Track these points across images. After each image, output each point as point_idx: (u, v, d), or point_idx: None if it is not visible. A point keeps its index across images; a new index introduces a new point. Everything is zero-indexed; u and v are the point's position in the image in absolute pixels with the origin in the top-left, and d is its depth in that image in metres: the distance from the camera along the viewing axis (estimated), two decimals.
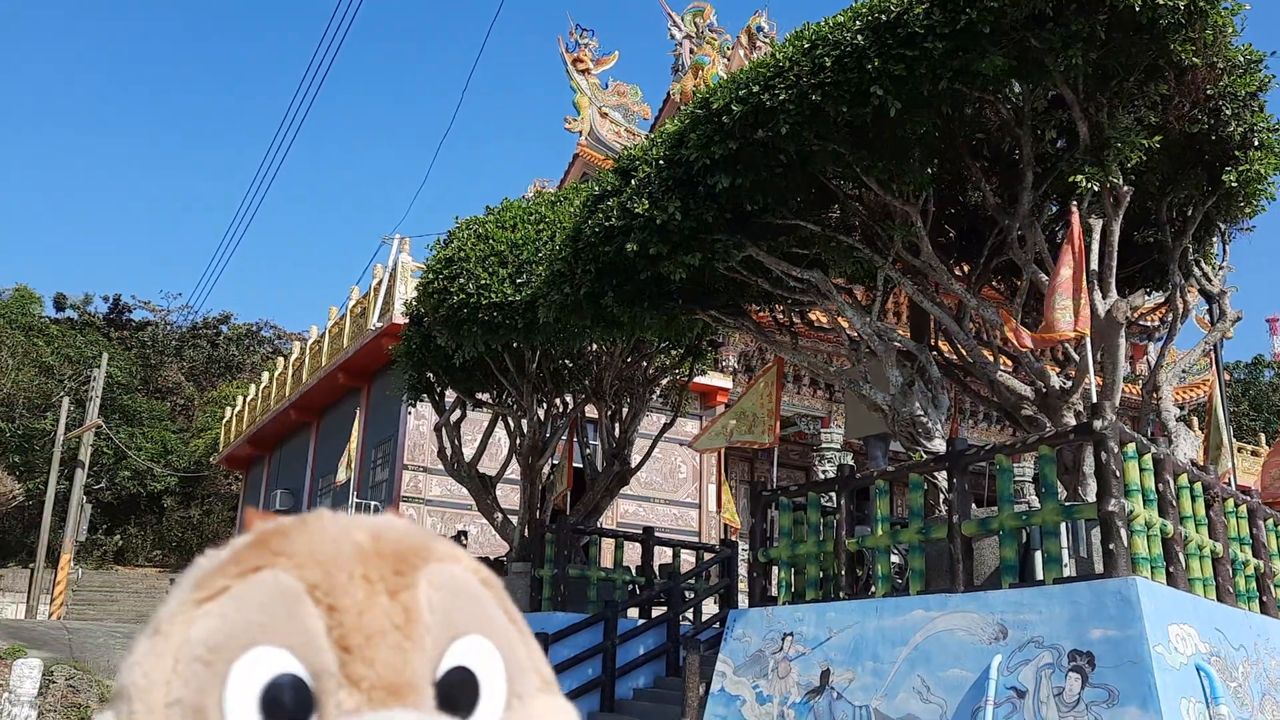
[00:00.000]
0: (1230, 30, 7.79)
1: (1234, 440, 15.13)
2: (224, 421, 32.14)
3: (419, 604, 0.81)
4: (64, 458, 30.54)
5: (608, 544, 14.35)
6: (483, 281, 11.44)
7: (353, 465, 18.40)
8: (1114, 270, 8.49)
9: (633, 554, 14.53)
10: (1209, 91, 8.05)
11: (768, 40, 23.28)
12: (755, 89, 7.94)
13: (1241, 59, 8.10)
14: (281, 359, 27.90)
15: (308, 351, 24.62)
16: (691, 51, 24.15)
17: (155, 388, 42.63)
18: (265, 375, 28.29)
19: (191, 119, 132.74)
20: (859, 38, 7.42)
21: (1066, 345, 9.08)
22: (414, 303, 13.44)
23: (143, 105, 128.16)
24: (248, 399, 29.40)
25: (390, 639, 0.79)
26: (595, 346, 13.45)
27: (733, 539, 16.06)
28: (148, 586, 31.76)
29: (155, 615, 0.81)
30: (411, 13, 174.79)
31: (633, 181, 9.16)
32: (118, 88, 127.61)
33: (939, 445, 8.83)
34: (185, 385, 43.52)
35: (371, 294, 20.68)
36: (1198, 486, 8.16)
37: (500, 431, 15.23)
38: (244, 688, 0.75)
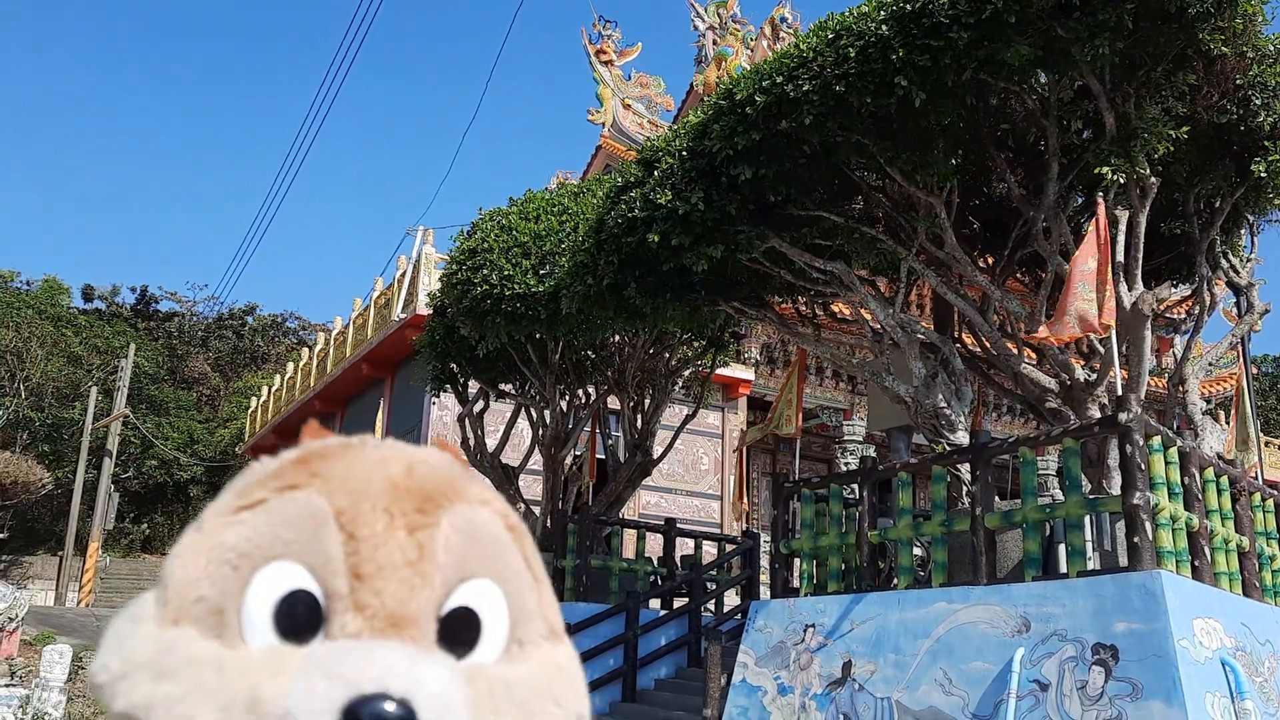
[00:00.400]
0: (1260, 19, 7.69)
1: (1261, 434, 14.99)
2: (249, 412, 32.40)
3: (435, 543, 0.87)
4: (92, 447, 30.89)
5: (630, 535, 14.38)
6: (506, 272, 11.48)
7: None
8: (1140, 262, 8.42)
9: (655, 545, 14.56)
10: (1238, 81, 7.96)
11: (791, 31, 23.18)
12: (779, 80, 7.92)
13: (1272, 48, 8.01)
14: (306, 350, 28.09)
15: (332, 342, 24.78)
16: (715, 43, 24.07)
17: (181, 378, 43.01)
18: (290, 366, 28.48)
19: (217, 113, 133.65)
20: (883, 28, 7.38)
21: (1092, 338, 9.02)
22: (437, 294, 13.50)
23: (169, 99, 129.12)
24: (273, 389, 29.62)
25: (400, 573, 0.85)
26: (618, 338, 13.47)
27: (752, 530, 16.05)
28: None
29: (203, 511, 0.89)
30: (435, 5, 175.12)
31: (655, 173, 9.16)
32: (144, 82, 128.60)
33: (962, 437, 8.80)
34: (211, 375, 43.90)
35: (395, 285, 20.78)
36: (1224, 480, 8.11)
37: (523, 422, 15.28)
38: (262, 595, 0.83)
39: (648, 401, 14.35)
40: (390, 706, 0.77)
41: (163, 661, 0.81)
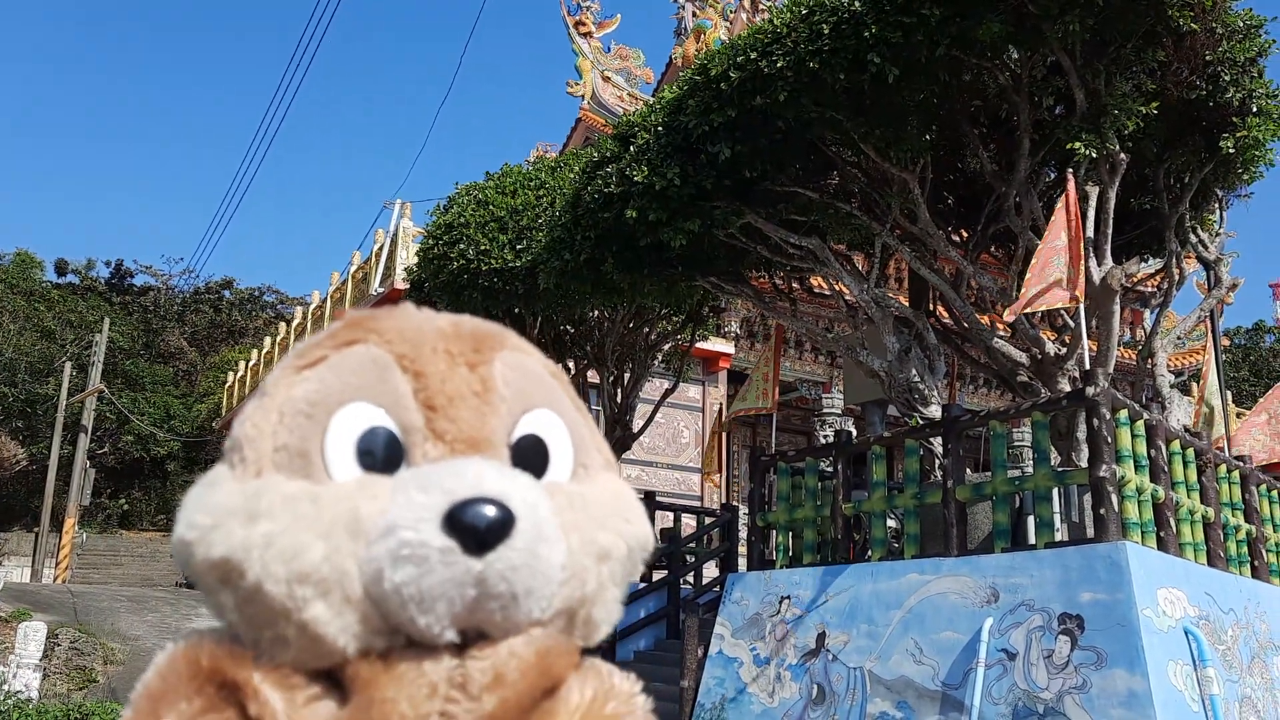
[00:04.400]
0: None
1: (1232, 406, 15.20)
2: (227, 386, 32.26)
3: (495, 377, 0.91)
4: (67, 422, 30.71)
5: None
6: (483, 247, 11.47)
7: None
8: (1109, 237, 8.51)
9: None
10: (1207, 57, 8.01)
11: (769, 4, 23.10)
12: (753, 56, 7.92)
13: (1241, 24, 8.04)
14: (284, 324, 27.98)
15: (310, 316, 24.67)
16: (694, 15, 23.95)
17: (158, 352, 42.74)
18: (268, 340, 28.37)
19: (189, 82, 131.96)
20: (856, 4, 7.38)
21: (1063, 312, 9.12)
22: (415, 268, 13.48)
23: (143, 69, 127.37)
24: (250, 364, 29.49)
25: (470, 402, 0.89)
26: (596, 312, 13.50)
27: (731, 503, 16.18)
28: (152, 551, 32.02)
29: (262, 381, 0.91)
30: None
31: (631, 148, 9.16)
32: (115, 50, 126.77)
33: (935, 411, 8.90)
34: (188, 350, 43.62)
35: (373, 259, 20.71)
36: (1190, 452, 8.23)
37: None
38: (342, 435, 0.85)
39: (627, 375, 14.40)
40: (490, 509, 0.80)
41: (254, 505, 0.82)
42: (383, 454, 0.85)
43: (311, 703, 0.81)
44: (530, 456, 0.90)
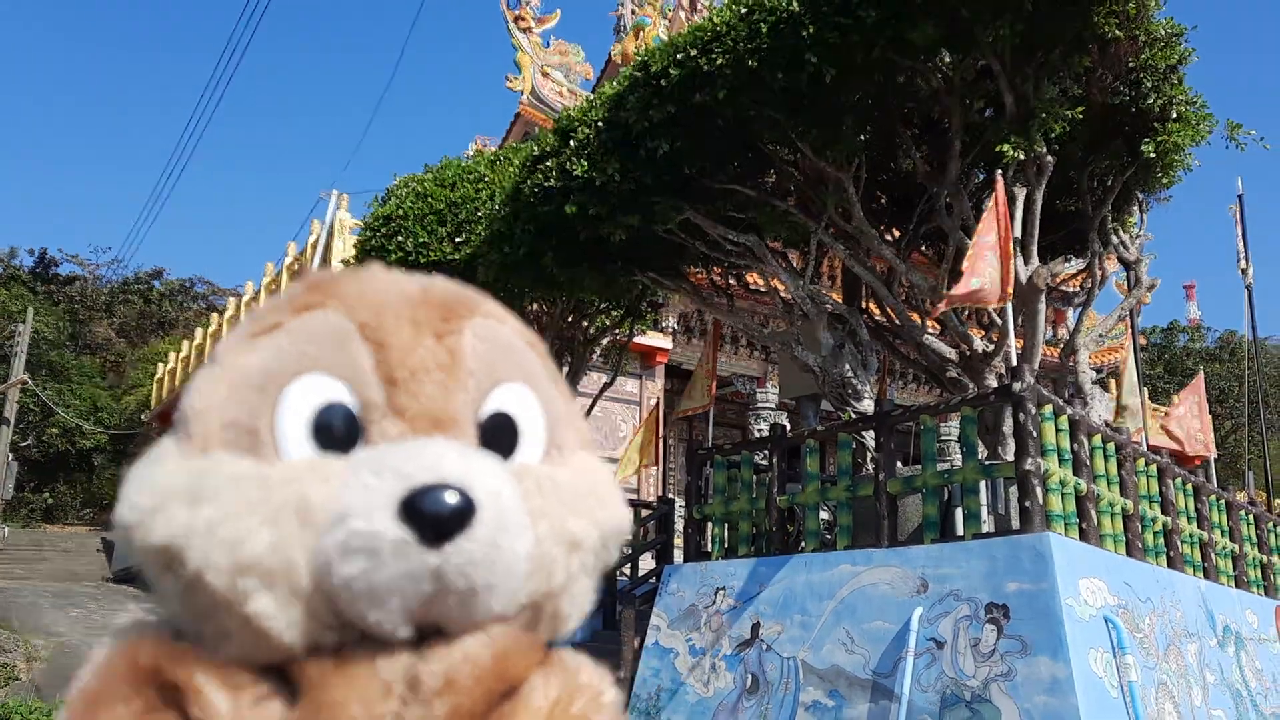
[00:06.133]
0: (1153, 4, 8.01)
1: (1148, 402, 15.68)
2: (156, 379, 31.57)
3: (463, 348, 0.84)
4: None
5: None
6: (421, 240, 11.42)
7: None
8: (1036, 238, 8.75)
9: None
10: (1130, 64, 8.27)
11: (708, 3, 23.22)
12: (693, 53, 8.00)
13: (1163, 32, 8.31)
14: (216, 315, 27.49)
15: (243, 308, 24.27)
16: (634, 12, 24.01)
17: (85, 344, 41.62)
18: (199, 332, 27.82)
19: (120, 67, 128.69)
20: (794, 4, 7.49)
21: (991, 310, 9.35)
22: (352, 260, 13.35)
23: (73, 53, 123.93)
24: (181, 356, 28.89)
25: (434, 376, 0.82)
26: (535, 306, 13.50)
27: (668, 495, 16.28)
28: (78, 545, 31.20)
29: (215, 348, 0.85)
30: None
31: (572, 143, 9.19)
32: (46, 36, 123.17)
33: (867, 406, 9.07)
34: (116, 341, 42.53)
35: (308, 250, 20.43)
36: (1111, 446, 8.49)
37: None
38: (295, 410, 0.79)
39: (566, 369, 14.42)
40: (450, 496, 0.73)
41: (199, 486, 0.75)
42: (340, 431, 0.79)
43: (259, 703, 0.75)
44: (499, 436, 0.84)
